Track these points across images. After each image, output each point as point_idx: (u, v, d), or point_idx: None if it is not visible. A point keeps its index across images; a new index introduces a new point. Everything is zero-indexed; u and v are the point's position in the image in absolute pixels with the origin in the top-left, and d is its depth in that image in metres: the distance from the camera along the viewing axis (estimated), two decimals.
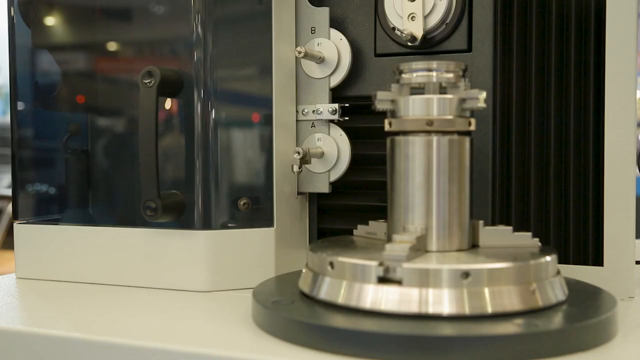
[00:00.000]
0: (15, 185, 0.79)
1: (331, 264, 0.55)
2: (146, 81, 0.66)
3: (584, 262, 0.68)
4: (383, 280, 0.51)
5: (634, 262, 0.66)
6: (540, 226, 0.70)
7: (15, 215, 0.79)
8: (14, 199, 0.80)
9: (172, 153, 0.72)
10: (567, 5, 0.69)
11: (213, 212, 0.70)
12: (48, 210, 0.80)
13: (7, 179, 3.31)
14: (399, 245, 0.52)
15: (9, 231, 2.91)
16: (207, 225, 0.69)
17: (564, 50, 0.69)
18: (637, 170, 0.71)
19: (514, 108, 0.70)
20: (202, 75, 0.69)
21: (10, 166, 0.80)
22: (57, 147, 0.79)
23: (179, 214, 0.69)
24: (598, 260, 0.67)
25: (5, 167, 3.30)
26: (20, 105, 0.80)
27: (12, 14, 0.79)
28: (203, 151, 0.69)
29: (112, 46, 0.76)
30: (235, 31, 0.72)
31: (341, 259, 0.54)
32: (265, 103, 0.73)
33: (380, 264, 0.51)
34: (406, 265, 0.51)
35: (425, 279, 0.50)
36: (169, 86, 0.68)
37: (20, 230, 0.78)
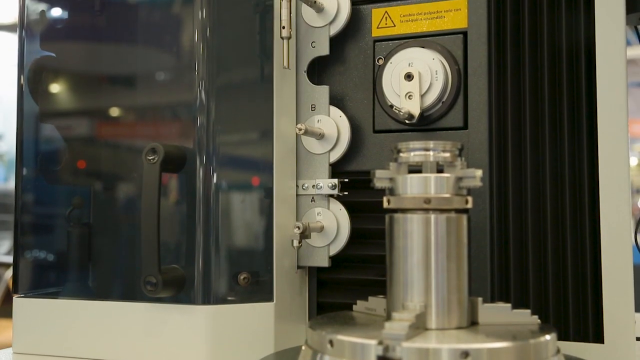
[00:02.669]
0: (17, 258, 0.80)
1: (330, 342, 0.55)
2: (150, 158, 0.68)
3: (584, 339, 0.68)
4: (383, 359, 0.51)
5: (634, 339, 0.66)
6: (539, 302, 0.70)
7: (15, 289, 0.79)
8: (14, 271, 0.80)
9: (173, 225, 0.73)
10: (559, 86, 0.71)
11: (213, 287, 0.70)
12: (48, 283, 0.80)
13: (6, 245, 3.30)
14: (398, 323, 0.52)
15: (5, 298, 2.88)
16: (206, 300, 0.70)
17: (557, 129, 0.71)
18: (634, 240, 0.72)
19: (510, 184, 0.72)
20: (205, 144, 0.70)
21: (8, 232, 0.81)
22: (59, 220, 0.80)
23: (179, 289, 0.69)
24: (598, 337, 0.67)
25: (4, 234, 3.29)
26: (26, 175, 0.81)
27: (22, 82, 0.80)
28: (204, 225, 0.70)
29: (117, 119, 0.78)
30: (238, 102, 0.74)
31: (340, 337, 0.54)
32: (265, 177, 0.74)
33: (380, 343, 0.51)
34: (406, 344, 0.51)
35: (424, 359, 0.50)
36: (172, 162, 0.70)
37: (20, 304, 0.78)
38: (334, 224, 0.76)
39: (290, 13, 0.71)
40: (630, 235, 0.69)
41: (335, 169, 0.78)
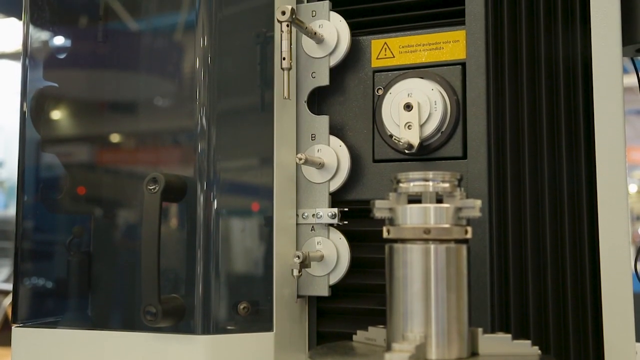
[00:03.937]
0: (16, 286, 0.80)
1: None
2: (150, 187, 0.68)
3: None
4: None
5: None
6: (539, 332, 0.70)
7: (14, 318, 0.79)
8: (14, 300, 0.80)
9: (173, 253, 0.73)
10: (557, 115, 0.72)
11: (213, 316, 0.70)
12: (47, 312, 0.80)
13: (5, 272, 3.29)
14: (398, 354, 0.52)
15: (4, 326, 2.86)
16: (206, 329, 0.69)
17: (556, 158, 0.72)
18: (634, 269, 0.72)
19: (509, 213, 0.72)
20: (205, 171, 0.70)
21: (7, 260, 0.81)
22: (60, 248, 0.79)
23: (178, 318, 0.69)
24: None
25: (3, 261, 3.28)
26: (27, 203, 0.81)
27: (24, 109, 0.81)
28: (204, 254, 0.70)
29: (119, 146, 0.78)
30: (238, 130, 0.74)
31: None
32: (265, 206, 0.74)
33: None
34: None
35: None
36: (173, 192, 0.70)
37: (18, 333, 0.77)
38: (333, 253, 0.76)
39: (291, 44, 0.72)
40: (630, 263, 0.69)
41: (335, 198, 0.78)
